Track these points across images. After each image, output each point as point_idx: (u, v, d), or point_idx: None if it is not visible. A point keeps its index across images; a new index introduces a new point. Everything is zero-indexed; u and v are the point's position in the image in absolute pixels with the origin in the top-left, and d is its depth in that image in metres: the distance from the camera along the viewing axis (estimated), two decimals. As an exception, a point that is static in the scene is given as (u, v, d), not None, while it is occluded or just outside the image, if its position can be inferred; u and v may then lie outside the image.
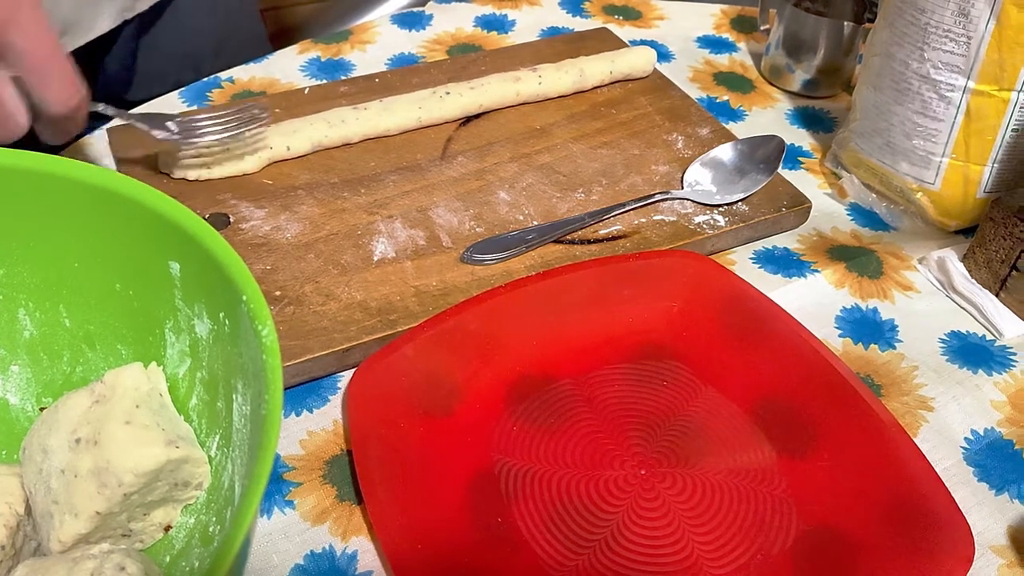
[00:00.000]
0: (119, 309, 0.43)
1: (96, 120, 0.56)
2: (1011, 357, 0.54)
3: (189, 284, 0.40)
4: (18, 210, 0.41)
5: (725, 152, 0.63)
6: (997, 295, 0.57)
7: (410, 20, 0.81)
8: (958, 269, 0.58)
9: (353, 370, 0.51)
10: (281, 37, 1.57)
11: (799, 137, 0.71)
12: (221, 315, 0.38)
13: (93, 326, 0.43)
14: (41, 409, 0.43)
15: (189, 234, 0.38)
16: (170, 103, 0.70)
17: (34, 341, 0.44)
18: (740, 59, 0.80)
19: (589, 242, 0.57)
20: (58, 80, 0.45)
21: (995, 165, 0.59)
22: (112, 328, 0.43)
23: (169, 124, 0.56)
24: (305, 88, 0.68)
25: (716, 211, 0.60)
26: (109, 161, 0.64)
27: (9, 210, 0.41)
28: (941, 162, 0.60)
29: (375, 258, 0.55)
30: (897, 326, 0.56)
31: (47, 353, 0.44)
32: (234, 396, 0.38)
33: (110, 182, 0.40)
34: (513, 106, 0.68)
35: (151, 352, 0.43)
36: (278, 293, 0.52)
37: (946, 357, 0.54)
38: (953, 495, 0.44)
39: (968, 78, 0.57)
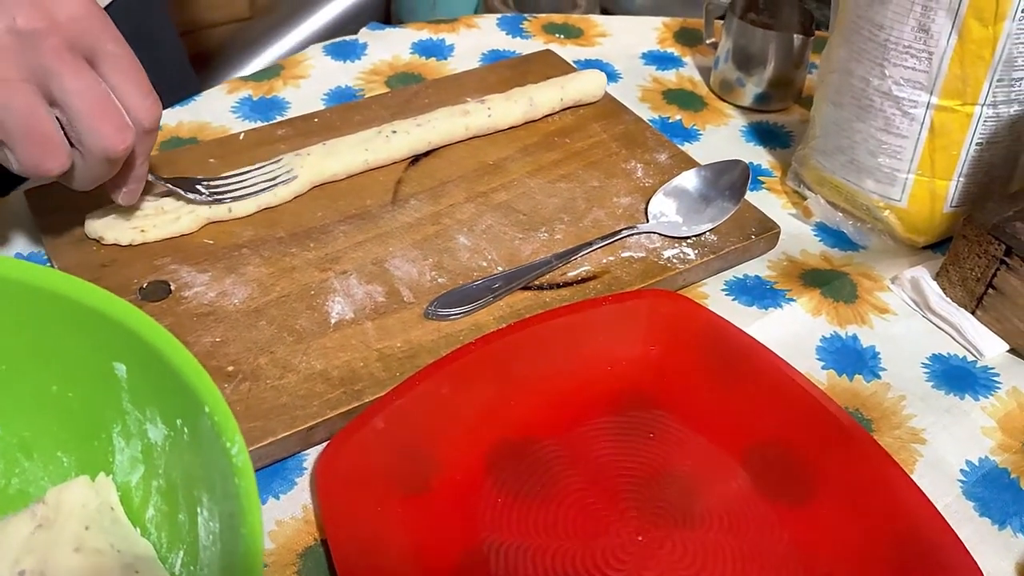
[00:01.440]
0: (57, 413, 0.38)
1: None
2: (994, 379, 0.53)
3: (138, 387, 0.35)
4: (-67, 312, 0.37)
5: (689, 180, 0.61)
6: (973, 313, 0.56)
7: (344, 50, 0.77)
8: (932, 288, 0.57)
9: (320, 447, 0.48)
10: (200, 60, 1.51)
11: (756, 155, 0.70)
12: (178, 422, 0.34)
13: (28, 433, 0.39)
14: (-25, 536, 0.38)
15: (134, 333, 0.34)
16: (92, 156, 0.65)
17: (-40, 453, 0.39)
18: (688, 74, 0.78)
19: (558, 286, 0.54)
20: (145, 89, 0.47)
21: (961, 179, 0.58)
22: (50, 434, 0.39)
23: (199, 187, 0.56)
24: (240, 133, 0.64)
25: (684, 243, 0.58)
26: (29, 226, 0.59)
27: (-78, 313, 0.37)
28: (907, 179, 0.59)
29: (332, 320, 0.51)
30: (878, 353, 0.54)
31: (-24, 466, 0.39)
32: (199, 509, 0.35)
33: (34, 278, 0.36)
34: (463, 141, 0.64)
35: (97, 459, 0.38)
36: (231, 368, 0.48)
37: (931, 383, 0.53)
38: (957, 534, 0.43)
39: (931, 94, 0.55)
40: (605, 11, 1.46)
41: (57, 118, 0.44)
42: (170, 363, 0.33)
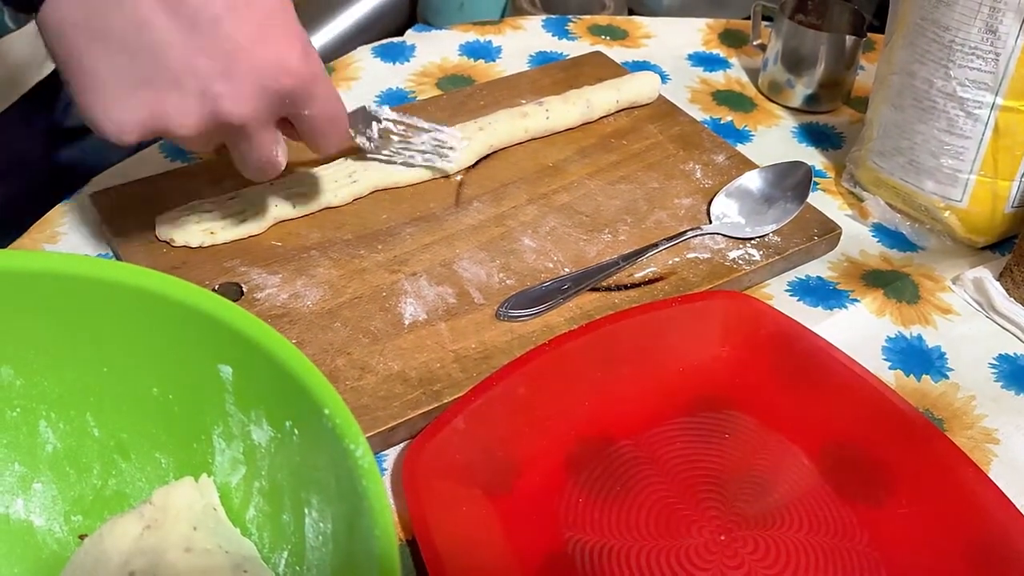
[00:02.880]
0: (157, 415, 0.38)
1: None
2: (1064, 379, 0.53)
3: (244, 389, 0.36)
4: (35, 316, 0.37)
5: (751, 181, 0.61)
6: (1039, 314, 0.56)
7: (392, 52, 0.77)
8: (996, 289, 0.57)
9: (398, 447, 0.48)
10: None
11: (809, 156, 0.70)
12: (287, 424, 0.35)
13: (126, 434, 0.39)
14: (81, 537, 0.38)
15: (243, 335, 0.34)
16: (152, 158, 0.65)
17: (58, 455, 0.40)
18: (735, 76, 0.78)
19: (626, 287, 0.55)
20: (336, 137, 0.50)
21: (1023, 180, 0.58)
22: (149, 436, 0.39)
23: (369, 132, 0.57)
24: (300, 136, 0.64)
25: (748, 244, 0.58)
26: (95, 228, 0.59)
27: (25, 316, 0.37)
28: (968, 179, 0.59)
29: (406, 322, 0.52)
30: (945, 353, 0.55)
31: (74, 467, 0.40)
32: (306, 510, 0.35)
33: (138, 280, 0.36)
34: (520, 143, 0.65)
35: (196, 460, 0.39)
36: (309, 370, 0.48)
37: (1000, 383, 0.53)
38: (1038, 534, 0.43)
39: (996, 94, 0.56)
40: (632, 12, 1.46)
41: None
42: (284, 366, 0.33)
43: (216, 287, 0.53)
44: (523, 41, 0.80)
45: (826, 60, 0.72)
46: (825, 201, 0.65)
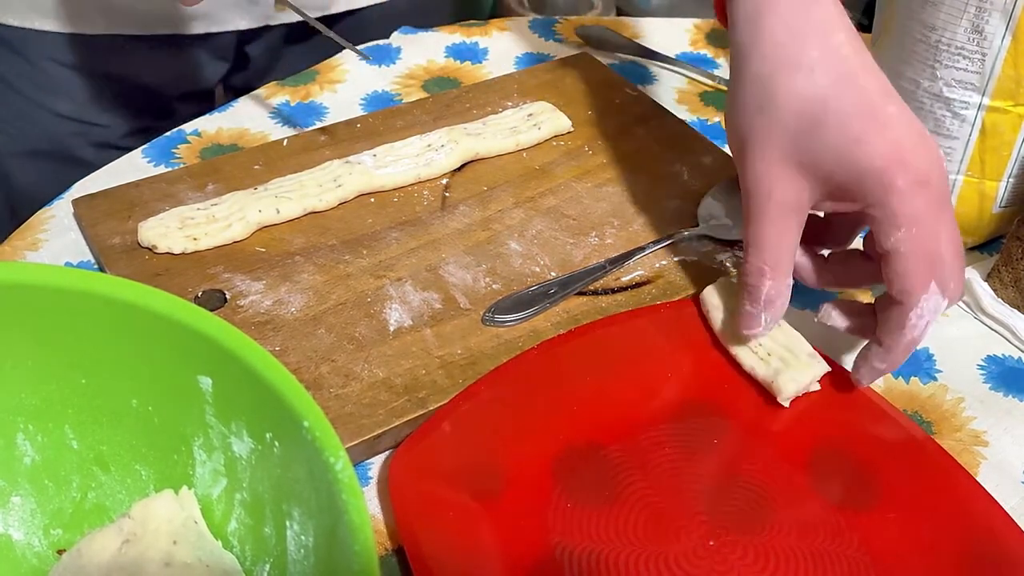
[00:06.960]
0: (136, 427, 0.38)
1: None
2: (1053, 380, 0.53)
3: (224, 401, 0.35)
4: (11, 327, 0.36)
5: (737, 183, 0.60)
6: (1027, 314, 0.56)
7: (378, 55, 0.77)
8: (984, 290, 0.57)
9: (384, 455, 0.47)
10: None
11: (797, 156, 0.69)
12: (268, 436, 0.34)
13: (106, 447, 0.39)
14: (59, 552, 0.38)
15: (223, 347, 0.34)
16: (134, 163, 0.65)
17: (36, 468, 0.39)
18: (723, 75, 0.78)
19: (613, 291, 0.54)
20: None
21: (1010, 180, 0.58)
22: (128, 447, 0.39)
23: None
24: (283, 140, 0.63)
25: (736, 247, 0.57)
26: (75, 235, 0.58)
27: (1, 328, 0.36)
28: (956, 180, 0.59)
29: (391, 328, 0.51)
30: (933, 355, 0.54)
31: (53, 480, 0.39)
32: (287, 523, 0.34)
33: (117, 291, 0.36)
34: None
35: (176, 472, 0.38)
36: (293, 377, 0.48)
37: (989, 385, 0.53)
38: (1027, 537, 0.43)
39: (983, 95, 0.55)
40: (620, 12, 1.46)
41: None
42: (263, 377, 0.32)
43: (199, 294, 0.52)
44: (509, 42, 0.80)
45: (813, 60, 0.71)
46: (813, 202, 0.65)
